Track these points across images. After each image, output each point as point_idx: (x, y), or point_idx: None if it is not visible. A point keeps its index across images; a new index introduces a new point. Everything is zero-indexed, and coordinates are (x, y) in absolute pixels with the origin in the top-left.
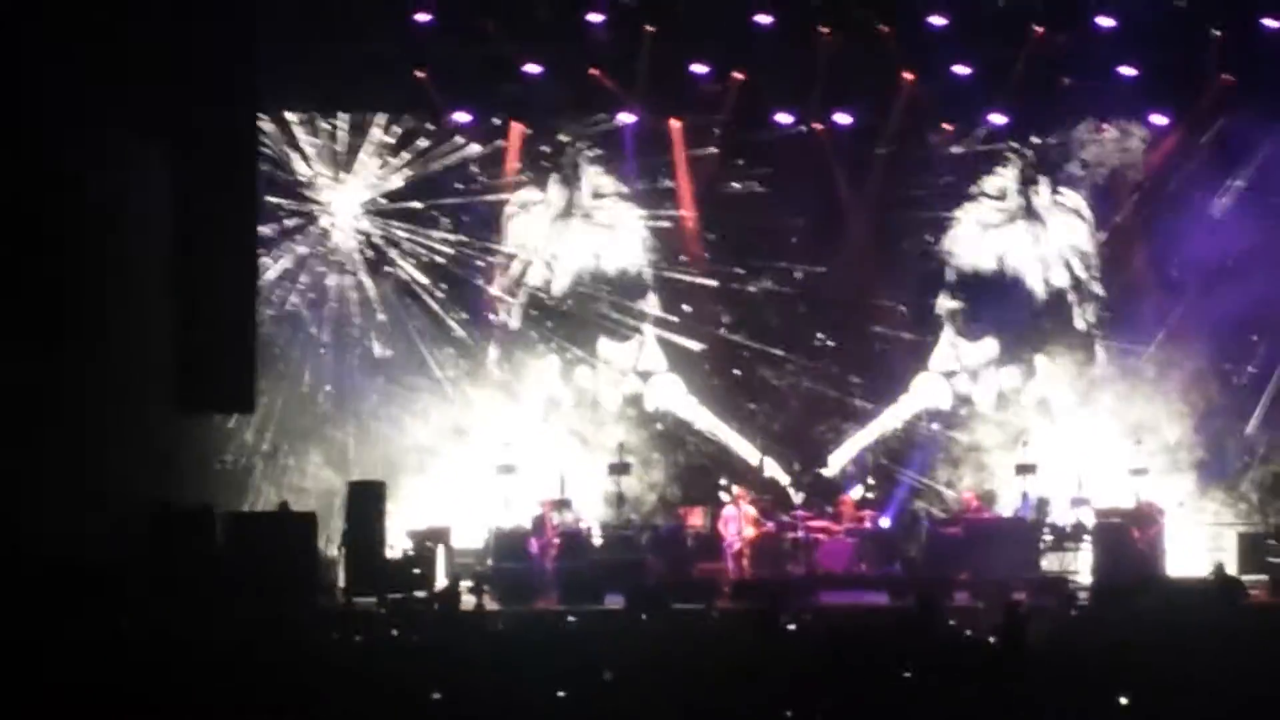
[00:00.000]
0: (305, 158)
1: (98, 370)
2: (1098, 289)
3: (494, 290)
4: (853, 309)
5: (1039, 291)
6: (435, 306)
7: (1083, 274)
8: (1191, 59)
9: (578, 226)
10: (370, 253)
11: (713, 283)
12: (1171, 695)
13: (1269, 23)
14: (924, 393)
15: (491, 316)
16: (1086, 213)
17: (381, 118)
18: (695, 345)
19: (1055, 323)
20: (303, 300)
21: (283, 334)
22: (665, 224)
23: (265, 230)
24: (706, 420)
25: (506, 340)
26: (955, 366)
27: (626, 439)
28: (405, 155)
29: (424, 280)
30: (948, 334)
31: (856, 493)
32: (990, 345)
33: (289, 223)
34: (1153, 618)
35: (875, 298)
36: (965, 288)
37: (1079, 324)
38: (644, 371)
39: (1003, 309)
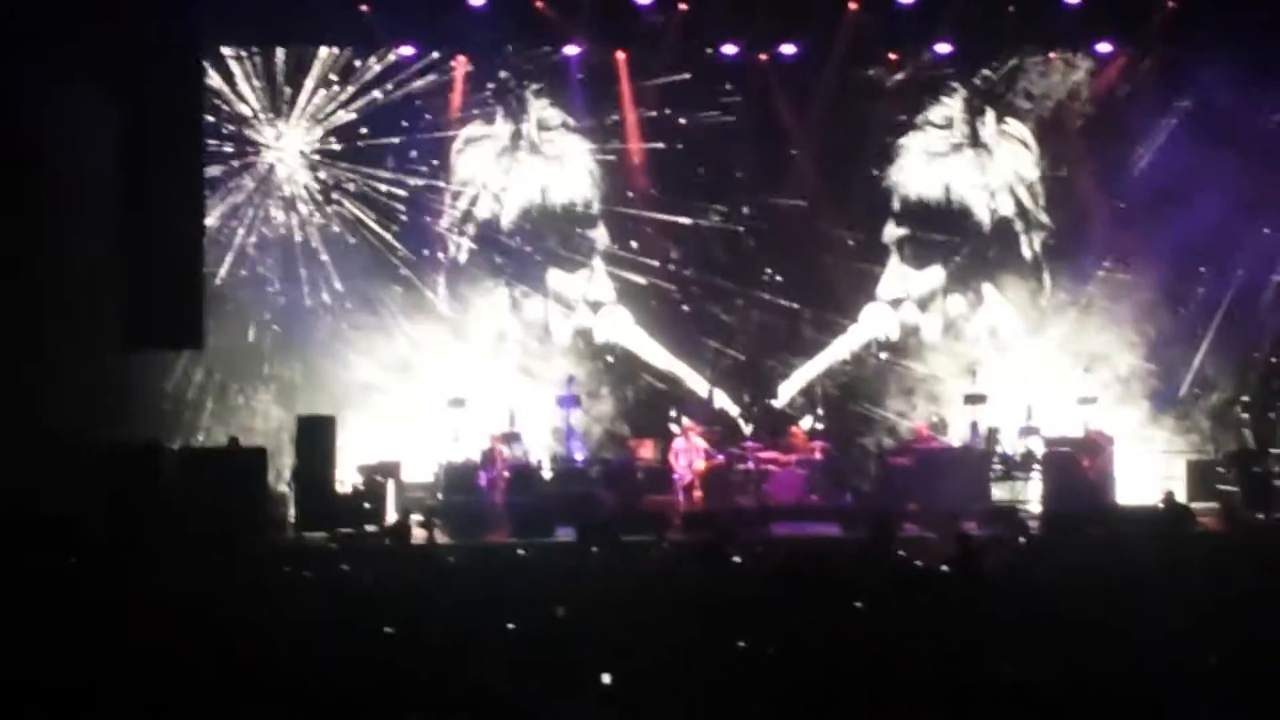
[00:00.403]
0: (244, 96)
1: (45, 309)
2: (1044, 218)
3: (442, 225)
4: (801, 241)
5: (985, 220)
6: (382, 243)
7: (1029, 203)
8: None
9: (525, 160)
10: (316, 192)
11: (661, 216)
12: (1121, 622)
13: None
14: (872, 322)
15: (440, 254)
16: (1032, 143)
17: (324, 53)
18: (643, 279)
19: (1003, 251)
20: (249, 239)
21: (231, 274)
22: (612, 158)
23: (212, 170)
24: (656, 352)
25: (455, 275)
26: (903, 295)
27: (576, 372)
28: (349, 90)
29: (371, 217)
30: (894, 263)
31: (806, 423)
32: (937, 273)
33: (234, 163)
34: (1102, 546)
35: (823, 229)
36: (912, 216)
37: (1026, 253)
38: (594, 302)
39: (950, 238)
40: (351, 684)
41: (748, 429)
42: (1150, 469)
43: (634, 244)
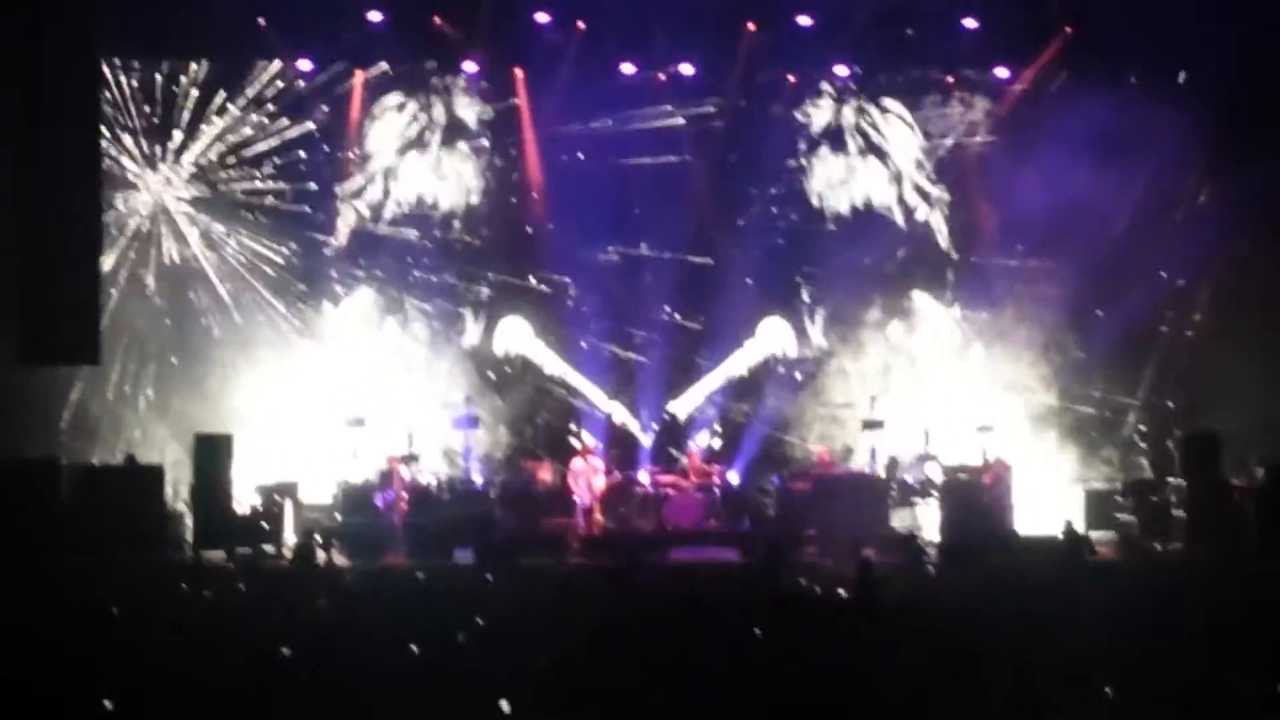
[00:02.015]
0: (127, 118)
1: None
2: (946, 195)
3: (338, 192)
4: (700, 276)
5: (900, 222)
6: (275, 254)
7: (928, 186)
8: (1033, 11)
9: (422, 157)
10: (207, 212)
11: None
12: (1021, 651)
13: None
14: (770, 337)
15: (326, 249)
16: (914, 123)
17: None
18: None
19: (917, 257)
20: (140, 269)
21: (123, 299)
22: (514, 176)
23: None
24: (555, 364)
25: (349, 281)
26: (814, 321)
27: (472, 387)
28: (242, 105)
29: (264, 228)
30: (807, 287)
31: (704, 438)
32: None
33: (130, 176)
34: (1001, 574)
35: (723, 258)
36: (825, 236)
37: (941, 242)
38: (491, 315)
39: (862, 249)
40: (248, 705)
41: (646, 442)
42: (1049, 497)
43: (531, 265)
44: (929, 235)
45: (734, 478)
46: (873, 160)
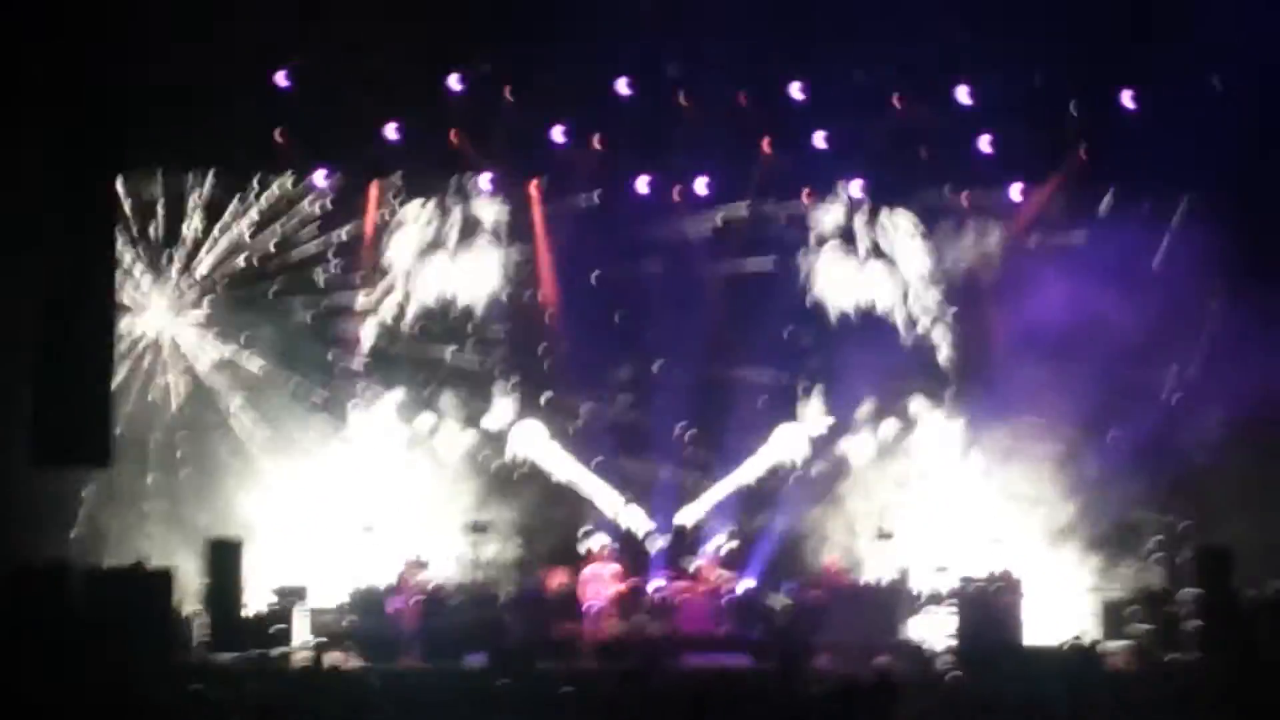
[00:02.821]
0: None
1: None
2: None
3: (358, 307)
4: (713, 392)
5: (903, 331)
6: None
7: (935, 308)
8: (1049, 133)
9: (442, 260)
10: (220, 326)
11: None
12: None
13: (1126, 101)
14: (783, 445)
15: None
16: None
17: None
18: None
19: (921, 368)
20: (153, 374)
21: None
22: (527, 294)
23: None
24: (567, 468)
25: (364, 389)
26: (829, 424)
27: (483, 492)
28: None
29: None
30: (817, 396)
31: (718, 542)
32: (864, 403)
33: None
34: (1014, 685)
35: (735, 375)
36: (830, 340)
37: (941, 358)
38: (500, 425)
39: (868, 357)
40: None
41: (656, 548)
42: (1063, 605)
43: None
44: (934, 348)
45: (746, 584)
46: (880, 266)
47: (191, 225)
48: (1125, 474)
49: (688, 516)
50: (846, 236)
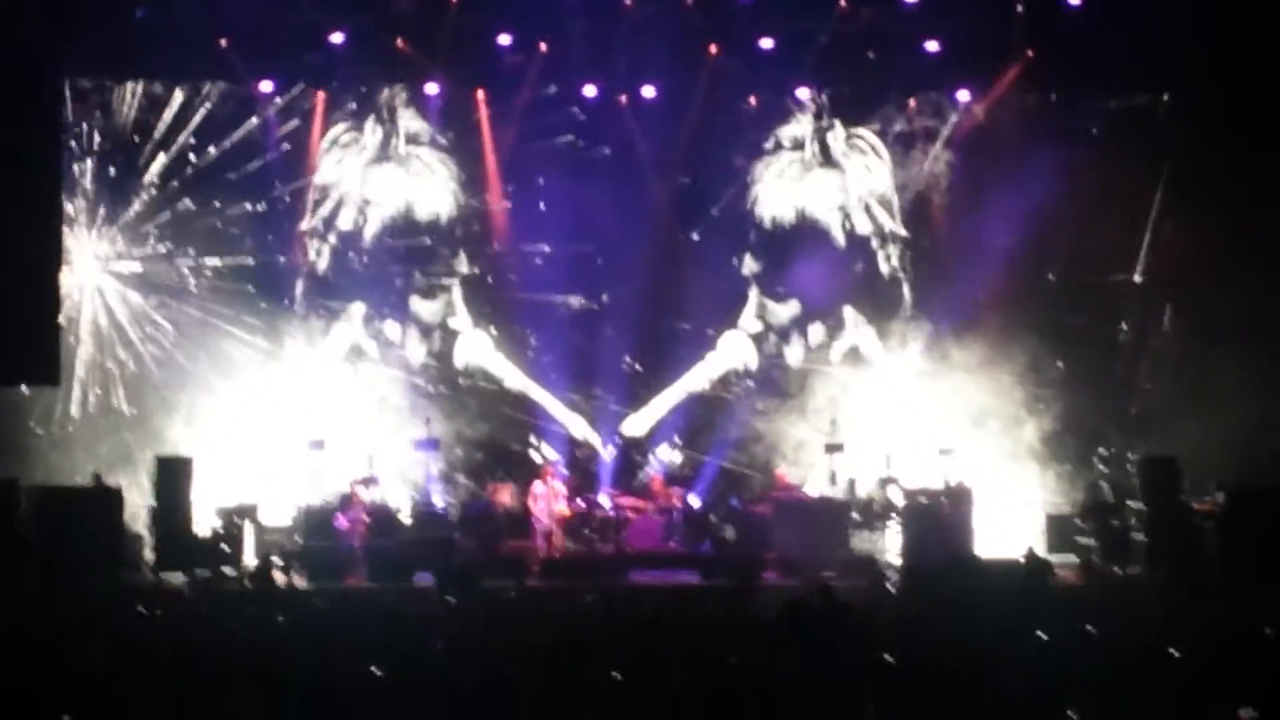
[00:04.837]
0: (104, 130)
1: None
2: (902, 230)
3: (302, 228)
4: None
5: (841, 240)
6: (237, 277)
7: (885, 219)
8: (994, 33)
9: (392, 172)
10: (171, 233)
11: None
12: (980, 675)
13: None
14: (731, 351)
15: (299, 274)
16: (884, 152)
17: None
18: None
19: (863, 270)
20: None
21: (87, 313)
22: (474, 201)
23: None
24: (516, 378)
25: (312, 295)
26: (761, 328)
27: (431, 403)
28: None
29: (223, 253)
30: (753, 295)
31: (665, 452)
32: (794, 304)
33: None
34: (963, 598)
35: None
36: (769, 245)
37: (884, 268)
38: (451, 329)
39: (808, 262)
40: None
41: (607, 457)
42: (1010, 521)
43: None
44: (883, 259)
45: (694, 501)
46: (828, 174)
47: (136, 136)
48: (1080, 386)
49: (636, 426)
50: (796, 145)
